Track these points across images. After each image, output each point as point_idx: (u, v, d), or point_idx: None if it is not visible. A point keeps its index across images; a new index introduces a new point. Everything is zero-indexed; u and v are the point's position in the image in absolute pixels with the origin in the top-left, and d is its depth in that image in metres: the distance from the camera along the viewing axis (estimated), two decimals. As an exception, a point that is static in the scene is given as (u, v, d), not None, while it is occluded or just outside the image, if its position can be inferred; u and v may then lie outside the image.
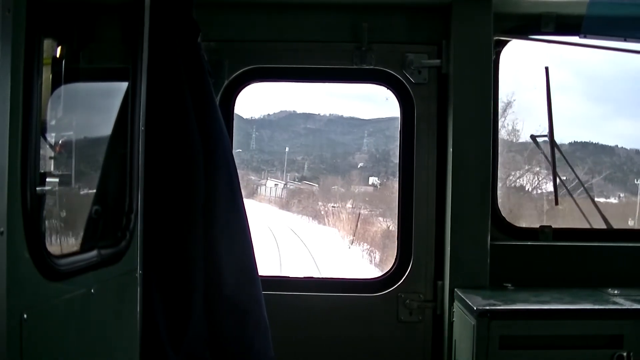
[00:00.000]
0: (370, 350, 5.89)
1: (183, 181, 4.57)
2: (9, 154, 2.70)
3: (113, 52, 4.33)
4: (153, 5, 4.21)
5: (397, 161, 6.09)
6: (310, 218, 18.06)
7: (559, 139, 5.93)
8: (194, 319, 4.51)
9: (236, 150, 5.51)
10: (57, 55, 3.77)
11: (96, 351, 3.53)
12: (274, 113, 15.42)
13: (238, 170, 4.95)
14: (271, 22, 5.96)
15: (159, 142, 4.40)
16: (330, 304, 5.94)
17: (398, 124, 6.04)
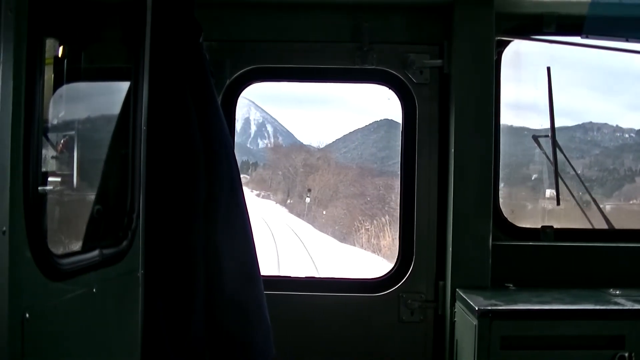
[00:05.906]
0: (372, 351, 5.89)
1: (184, 181, 4.57)
2: (11, 153, 2.70)
3: (115, 51, 4.33)
4: (155, 5, 4.22)
5: (575, 172, 6.09)
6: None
7: None
8: (195, 318, 4.51)
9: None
10: (59, 55, 3.77)
11: (97, 351, 3.53)
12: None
13: (392, 179, 4.94)
14: (273, 22, 5.96)
15: (161, 142, 4.40)
16: (331, 304, 5.94)
17: (580, 133, 5.98)
